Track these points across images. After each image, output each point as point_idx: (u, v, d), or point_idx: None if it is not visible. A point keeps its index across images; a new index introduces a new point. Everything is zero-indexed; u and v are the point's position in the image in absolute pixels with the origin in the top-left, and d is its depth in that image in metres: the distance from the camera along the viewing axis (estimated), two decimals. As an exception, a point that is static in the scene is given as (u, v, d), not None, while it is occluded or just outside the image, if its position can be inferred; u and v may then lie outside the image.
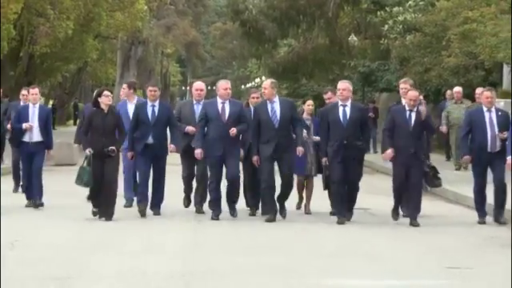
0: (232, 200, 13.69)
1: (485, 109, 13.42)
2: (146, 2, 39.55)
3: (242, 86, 66.60)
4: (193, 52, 66.57)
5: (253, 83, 54.80)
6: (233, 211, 13.64)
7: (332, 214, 13.67)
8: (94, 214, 13.21)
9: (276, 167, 13.64)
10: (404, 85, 13.96)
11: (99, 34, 38.58)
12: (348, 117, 13.20)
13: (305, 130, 13.89)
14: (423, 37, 27.19)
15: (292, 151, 13.43)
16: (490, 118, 13.32)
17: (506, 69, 25.11)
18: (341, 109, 13.25)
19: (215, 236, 11.99)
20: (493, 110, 13.40)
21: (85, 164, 13.35)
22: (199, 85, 14.66)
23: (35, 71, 35.10)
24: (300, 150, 13.40)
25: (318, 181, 14.30)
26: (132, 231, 12.41)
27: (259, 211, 13.86)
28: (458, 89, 21.03)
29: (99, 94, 13.52)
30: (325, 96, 14.64)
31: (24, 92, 16.47)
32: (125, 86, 15.65)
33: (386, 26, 29.69)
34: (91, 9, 34.69)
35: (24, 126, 14.60)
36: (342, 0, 36.29)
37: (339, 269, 9.75)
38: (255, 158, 13.41)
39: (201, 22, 68.73)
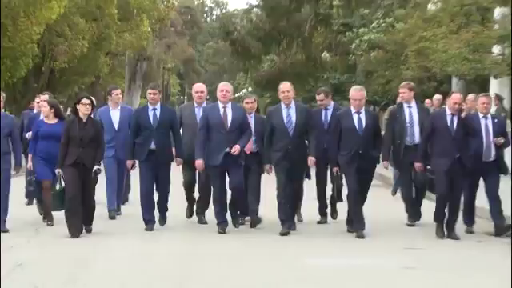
0: (236, 210, 11.40)
1: (480, 115, 11.08)
2: (149, 24, 39.49)
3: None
4: (189, 67, 66.34)
5: (240, 93, 54.68)
6: (236, 222, 11.40)
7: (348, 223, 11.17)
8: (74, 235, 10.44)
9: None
10: (402, 89, 11.92)
11: (110, 51, 38.44)
12: (364, 125, 10.77)
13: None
14: (385, 53, 27.33)
15: (305, 161, 11.10)
16: (486, 124, 11.04)
17: (454, 80, 25.21)
18: (355, 116, 10.80)
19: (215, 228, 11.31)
20: (488, 116, 11.10)
21: (57, 187, 10.85)
22: (199, 87, 12.17)
23: (55, 84, 34.99)
24: (312, 159, 11.11)
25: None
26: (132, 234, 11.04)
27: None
28: (437, 96, 19.35)
29: (78, 101, 10.62)
30: (317, 97, 12.16)
31: (38, 100, 13.31)
32: (118, 91, 12.91)
33: (354, 44, 29.85)
34: (103, 30, 34.62)
35: (28, 135, 12.28)
36: (316, 22, 36.33)
37: (312, 250, 9.94)
38: (267, 167, 11.13)
39: (196, 42, 68.65)
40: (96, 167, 10.67)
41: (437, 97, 19.34)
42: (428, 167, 11.21)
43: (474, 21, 21.09)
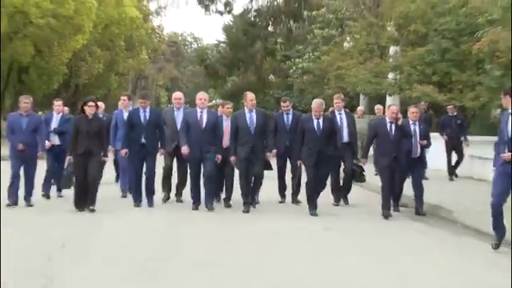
0: (211, 193, 10.15)
1: (411, 122, 10.42)
2: (146, 53, 39.61)
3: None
4: (175, 84, 65.84)
5: (210, 103, 54.67)
6: (210, 203, 10.09)
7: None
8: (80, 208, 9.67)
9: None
10: (337, 99, 11.16)
11: (118, 72, 38.45)
12: (322, 128, 9.86)
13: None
14: (313, 77, 27.55)
15: (264, 153, 10.29)
16: (414, 129, 10.42)
17: (361, 97, 25.52)
18: (315, 121, 9.89)
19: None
20: (416, 123, 10.50)
21: (68, 169, 10.25)
22: (178, 94, 11.37)
23: (79, 94, 34.94)
24: (270, 154, 10.43)
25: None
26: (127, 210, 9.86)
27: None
28: (361, 108, 18.87)
29: (85, 103, 9.92)
30: (284, 104, 11.22)
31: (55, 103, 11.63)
32: (125, 97, 12.03)
33: (291, 70, 30.08)
34: (113, 57, 34.72)
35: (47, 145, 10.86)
36: (265, 54, 36.68)
37: (261, 219, 9.46)
38: (233, 158, 10.12)
39: (180, 66, 68.32)
40: (104, 158, 9.89)
41: (360, 108, 19.18)
42: (354, 162, 10.89)
43: (375, 55, 21.48)
